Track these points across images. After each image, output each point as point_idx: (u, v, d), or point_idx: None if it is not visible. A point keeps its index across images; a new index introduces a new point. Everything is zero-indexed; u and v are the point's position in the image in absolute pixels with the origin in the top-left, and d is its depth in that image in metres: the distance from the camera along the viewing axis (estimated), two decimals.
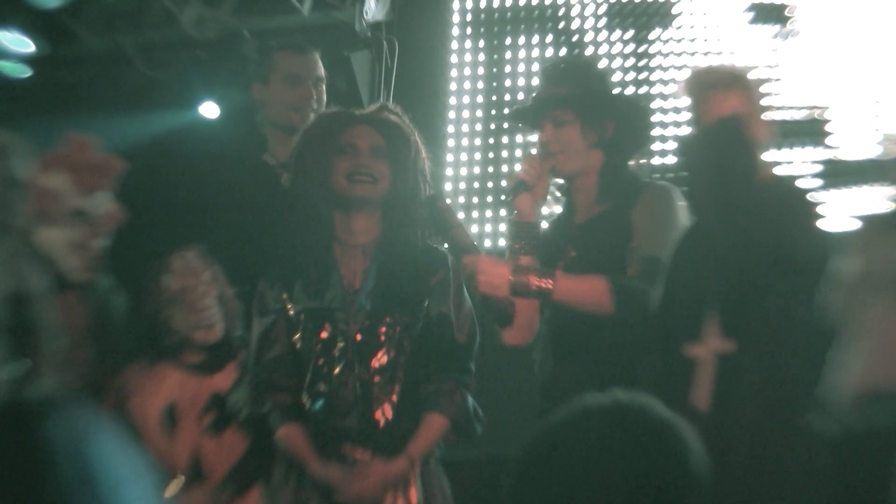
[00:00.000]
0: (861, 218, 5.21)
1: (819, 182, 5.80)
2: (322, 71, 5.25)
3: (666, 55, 6.39)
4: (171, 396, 4.42)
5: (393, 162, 4.39)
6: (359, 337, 4.28)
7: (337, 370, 4.26)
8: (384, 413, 4.26)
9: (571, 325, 4.29)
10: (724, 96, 4.19)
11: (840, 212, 5.64)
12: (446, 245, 4.35)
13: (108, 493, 1.42)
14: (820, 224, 4.31)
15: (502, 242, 6.47)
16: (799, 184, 4.53)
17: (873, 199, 5.41)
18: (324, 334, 4.30)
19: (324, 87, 5.24)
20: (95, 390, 4.30)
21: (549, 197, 4.47)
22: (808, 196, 4.43)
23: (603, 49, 6.51)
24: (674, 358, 4.09)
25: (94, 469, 1.42)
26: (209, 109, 6.12)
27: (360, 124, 4.43)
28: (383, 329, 4.29)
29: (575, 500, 1.88)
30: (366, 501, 4.20)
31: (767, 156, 4.32)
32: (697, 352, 4.06)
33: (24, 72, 5.89)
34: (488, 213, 6.56)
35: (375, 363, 4.27)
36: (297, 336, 4.32)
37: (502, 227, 6.50)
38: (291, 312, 4.35)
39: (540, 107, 4.44)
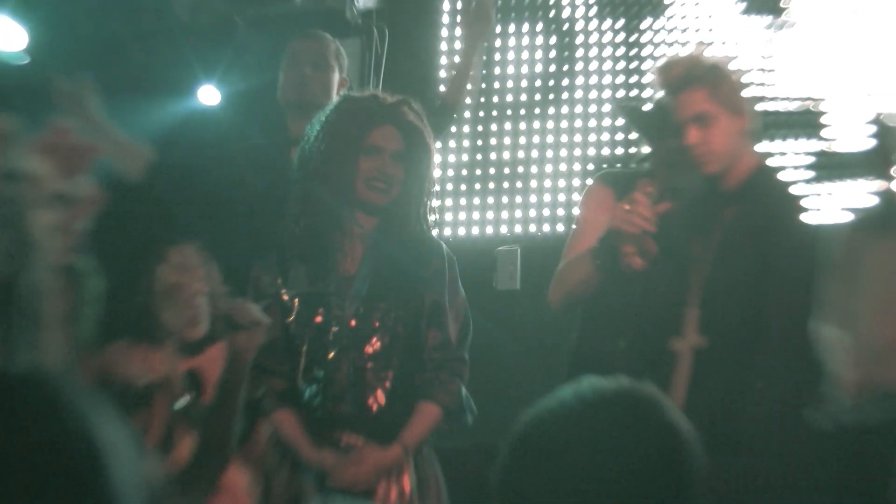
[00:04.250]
0: (852, 212, 5.24)
1: (812, 174, 5.83)
2: (329, 58, 5.27)
3: (657, 45, 6.39)
4: (154, 373, 4.42)
5: (408, 168, 4.38)
6: (353, 322, 4.29)
7: (331, 355, 4.27)
8: (377, 399, 4.27)
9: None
10: (691, 94, 4.16)
11: (832, 205, 5.67)
12: None
13: (91, 458, 1.41)
14: (807, 219, 4.33)
15: (489, 230, 6.49)
16: (783, 177, 4.52)
17: (865, 193, 5.43)
18: (318, 319, 4.31)
19: (332, 75, 5.26)
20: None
21: None
22: (794, 190, 4.44)
23: (593, 38, 6.52)
24: (655, 350, 4.13)
25: (77, 435, 1.41)
26: (208, 95, 6.15)
27: (388, 124, 4.39)
28: (377, 315, 4.30)
29: (564, 489, 1.85)
30: (359, 488, 4.20)
31: (759, 146, 4.32)
32: (677, 346, 4.10)
33: (23, 58, 5.88)
34: (476, 201, 6.57)
35: (369, 349, 4.28)
36: (291, 320, 4.33)
37: (489, 215, 6.53)
38: (286, 297, 4.35)
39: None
